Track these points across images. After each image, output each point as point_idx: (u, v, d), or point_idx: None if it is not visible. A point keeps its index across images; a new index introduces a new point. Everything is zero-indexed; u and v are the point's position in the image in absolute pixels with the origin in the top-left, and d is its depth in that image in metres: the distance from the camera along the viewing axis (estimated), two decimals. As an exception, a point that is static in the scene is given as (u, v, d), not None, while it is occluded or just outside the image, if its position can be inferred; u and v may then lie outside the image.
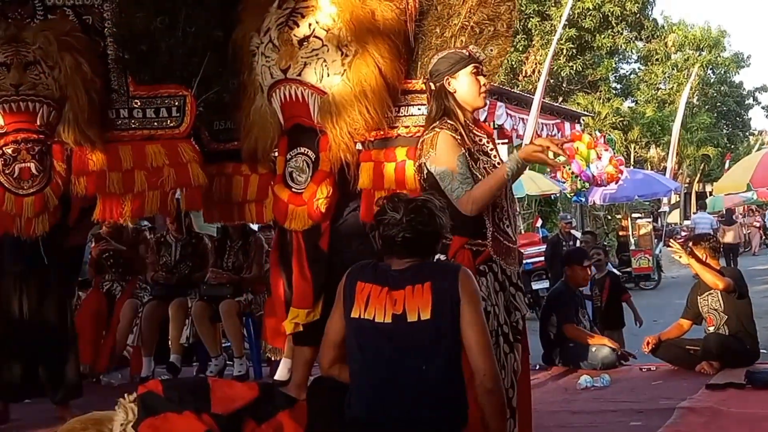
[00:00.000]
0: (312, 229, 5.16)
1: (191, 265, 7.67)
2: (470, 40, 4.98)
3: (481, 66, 4.06)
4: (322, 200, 5.08)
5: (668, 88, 39.65)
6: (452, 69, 3.98)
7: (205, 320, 7.21)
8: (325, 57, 5.09)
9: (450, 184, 3.80)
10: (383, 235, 3.27)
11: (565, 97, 33.81)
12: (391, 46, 4.96)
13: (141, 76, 5.61)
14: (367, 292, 3.21)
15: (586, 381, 6.42)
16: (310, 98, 5.13)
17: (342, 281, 3.35)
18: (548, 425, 5.10)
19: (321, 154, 5.14)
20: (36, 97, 5.36)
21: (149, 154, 5.46)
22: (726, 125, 45.88)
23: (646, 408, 5.45)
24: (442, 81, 3.99)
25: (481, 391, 3.17)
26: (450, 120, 3.93)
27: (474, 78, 3.99)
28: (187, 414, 3.26)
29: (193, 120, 5.53)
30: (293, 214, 5.15)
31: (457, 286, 3.16)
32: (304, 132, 5.21)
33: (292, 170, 5.22)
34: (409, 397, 3.08)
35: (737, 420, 4.95)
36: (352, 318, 3.22)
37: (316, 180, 5.12)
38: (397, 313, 3.13)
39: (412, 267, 3.23)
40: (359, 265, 3.39)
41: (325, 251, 5.16)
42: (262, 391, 3.52)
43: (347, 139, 5.03)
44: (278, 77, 5.20)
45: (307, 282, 5.15)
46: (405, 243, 3.23)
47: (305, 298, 5.15)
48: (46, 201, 5.37)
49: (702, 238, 7.37)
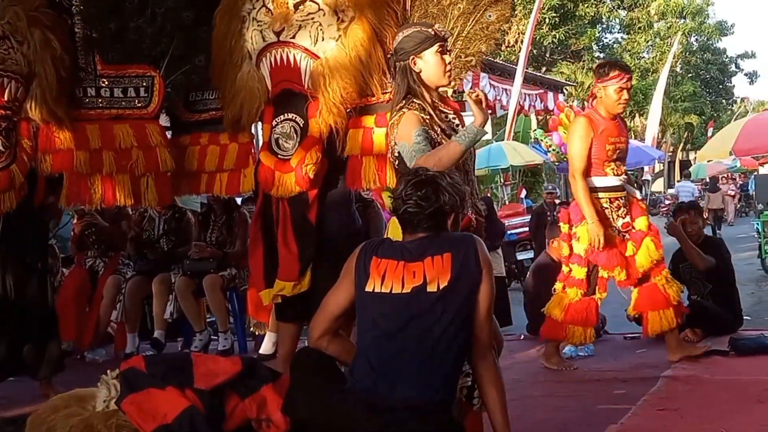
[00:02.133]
0: (299, 199, 5.13)
1: (174, 240, 7.64)
2: (468, 5, 4.96)
3: (446, 44, 4.03)
4: (310, 166, 5.05)
5: (651, 56, 39.64)
6: (418, 48, 3.94)
7: (189, 295, 7.20)
8: (321, 21, 5.07)
9: (408, 154, 3.79)
10: (395, 210, 3.35)
11: (548, 67, 33.78)
12: (388, 12, 4.93)
13: (109, 55, 5.58)
14: (384, 267, 3.23)
15: (571, 350, 6.43)
16: (302, 62, 5.12)
17: (353, 257, 3.35)
18: (533, 394, 5.13)
19: (310, 120, 5.11)
20: (4, 72, 5.33)
21: (117, 135, 5.45)
22: (709, 93, 45.92)
23: (629, 377, 5.47)
24: (407, 60, 3.95)
25: (482, 360, 3.26)
26: (416, 99, 3.90)
27: (440, 57, 3.96)
28: (170, 389, 3.24)
29: (161, 101, 5.51)
30: (280, 181, 5.13)
31: (477, 256, 3.21)
32: (293, 97, 5.19)
33: (278, 137, 5.18)
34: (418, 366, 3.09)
35: (721, 387, 4.97)
36: (367, 292, 3.23)
37: (305, 146, 5.09)
38: (417, 284, 3.16)
39: (426, 239, 3.27)
40: (372, 241, 3.44)
41: (313, 223, 5.13)
42: (246, 365, 3.50)
43: (339, 105, 5.01)
44: (270, 40, 5.16)
45: (292, 254, 5.12)
46: (410, 217, 3.29)
47: (291, 270, 5.13)
48: (12, 178, 5.33)
49: (689, 207, 7.37)
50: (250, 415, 3.34)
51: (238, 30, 5.28)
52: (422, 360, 3.10)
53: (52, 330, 5.71)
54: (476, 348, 3.23)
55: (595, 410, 4.66)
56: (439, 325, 3.12)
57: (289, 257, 5.15)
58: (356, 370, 3.24)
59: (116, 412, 3.26)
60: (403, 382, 3.09)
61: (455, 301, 3.15)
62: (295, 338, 5.44)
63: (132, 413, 3.18)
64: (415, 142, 3.76)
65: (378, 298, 3.21)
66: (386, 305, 3.18)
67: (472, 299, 3.18)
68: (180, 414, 3.15)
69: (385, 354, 3.14)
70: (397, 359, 3.12)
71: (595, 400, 4.89)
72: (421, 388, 3.08)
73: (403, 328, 3.14)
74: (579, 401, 4.92)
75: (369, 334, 3.21)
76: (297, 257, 5.13)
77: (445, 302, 3.14)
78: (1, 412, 5.12)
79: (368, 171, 5.10)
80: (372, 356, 3.17)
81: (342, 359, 3.40)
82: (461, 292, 3.16)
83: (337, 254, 5.04)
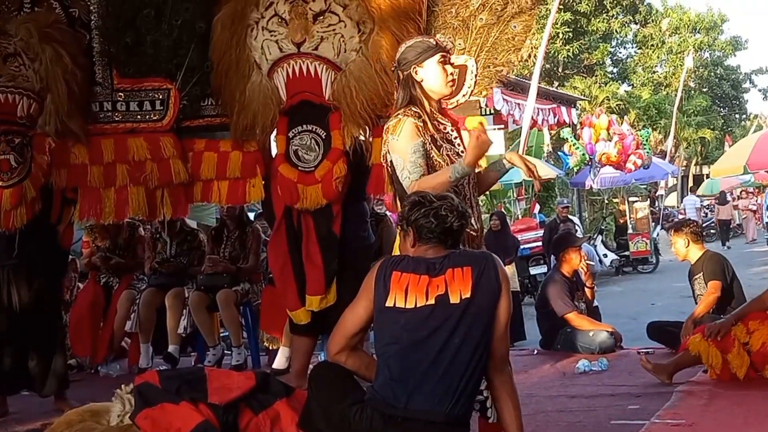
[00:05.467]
0: (323, 212, 5.13)
1: (187, 261, 7.66)
2: (491, 17, 4.98)
3: (448, 55, 4.03)
4: (339, 179, 5.06)
5: (665, 71, 39.60)
6: (419, 58, 3.95)
7: (203, 310, 7.20)
8: (343, 32, 5.10)
9: (402, 172, 3.81)
10: (430, 227, 3.34)
11: (561, 82, 33.76)
12: (410, 23, 4.94)
13: (126, 69, 5.60)
14: (406, 281, 3.27)
15: (584, 365, 6.42)
16: (323, 73, 5.12)
17: (372, 273, 3.38)
18: (546, 409, 5.11)
19: (333, 132, 5.11)
20: (15, 89, 5.38)
21: (131, 147, 5.46)
22: (722, 108, 45.78)
23: (644, 392, 5.45)
24: (409, 70, 3.96)
25: (498, 373, 3.33)
26: (414, 107, 3.90)
27: (441, 67, 3.96)
28: (183, 404, 3.27)
29: (176, 113, 5.51)
30: (304, 194, 5.11)
31: (497, 272, 3.28)
32: (312, 109, 5.18)
33: (297, 148, 5.18)
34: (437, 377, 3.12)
35: (735, 402, 4.95)
36: (387, 307, 3.26)
37: (332, 158, 5.09)
38: (440, 293, 3.21)
39: (450, 255, 3.32)
40: (391, 258, 3.47)
41: (337, 236, 5.13)
42: (260, 380, 3.52)
43: (364, 116, 5.02)
44: (289, 51, 5.16)
45: (317, 267, 5.12)
46: (452, 234, 3.36)
47: (318, 284, 5.12)
48: (24, 193, 5.35)
49: (683, 225, 7.35)
50: (264, 430, 3.36)
51: (243, 39, 5.27)
52: (441, 371, 3.12)
53: (58, 345, 5.72)
54: (494, 361, 3.27)
55: (609, 425, 4.65)
56: (459, 337, 3.15)
57: (315, 271, 5.15)
58: (376, 381, 3.26)
59: (130, 427, 3.28)
60: (421, 393, 3.11)
61: (476, 314, 3.18)
62: (308, 353, 5.44)
63: (146, 428, 3.20)
64: (410, 161, 3.78)
65: (400, 312, 3.22)
66: (409, 318, 3.21)
67: (491, 313, 3.23)
68: (194, 429, 3.18)
69: (405, 365, 3.16)
70: (416, 370, 3.14)
71: (609, 415, 4.87)
72: (439, 400, 3.10)
73: (424, 339, 3.17)
74: (593, 416, 4.90)
75: (391, 347, 3.22)
76: (322, 271, 5.13)
77: (466, 314, 3.17)
78: (16, 426, 5.14)
79: None
80: (393, 367, 3.19)
81: (361, 373, 3.42)
82: (482, 305, 3.20)
83: (355, 268, 5.07)
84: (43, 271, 5.59)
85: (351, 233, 5.24)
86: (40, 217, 5.48)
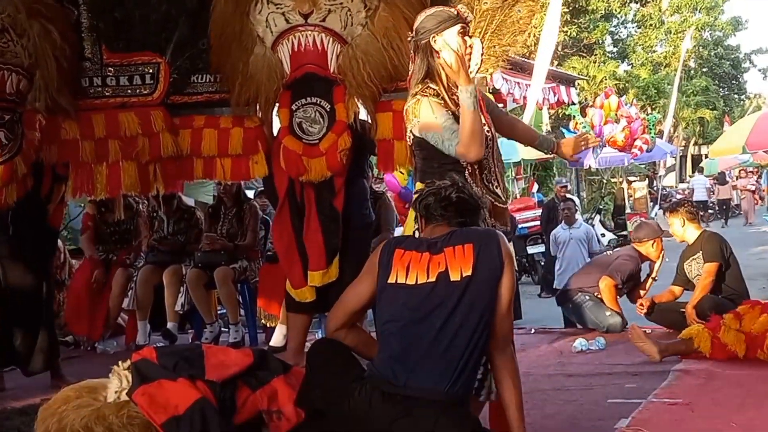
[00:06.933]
0: (326, 186, 5.13)
1: (184, 238, 7.66)
2: (496, 1, 4.95)
3: (468, 27, 3.94)
4: (344, 151, 5.06)
5: (664, 51, 39.48)
6: (439, 27, 3.85)
7: (200, 287, 7.21)
8: (350, 6, 5.11)
9: (444, 143, 3.75)
10: (429, 204, 3.37)
11: (560, 61, 33.66)
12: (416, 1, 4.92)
13: (115, 44, 5.58)
14: (408, 259, 3.25)
15: (581, 344, 6.43)
16: (329, 46, 5.12)
17: (376, 252, 3.38)
18: (543, 388, 5.12)
19: (337, 105, 5.12)
20: (4, 65, 5.34)
21: (122, 122, 5.44)
22: (722, 88, 45.70)
23: (641, 370, 5.46)
24: (428, 38, 3.87)
25: (500, 352, 3.28)
26: (432, 84, 3.84)
27: (461, 39, 3.85)
28: (181, 381, 3.25)
29: (166, 87, 5.50)
30: (309, 166, 5.12)
31: (500, 249, 3.23)
32: (317, 81, 5.19)
33: (301, 121, 5.18)
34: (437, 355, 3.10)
35: (732, 382, 4.96)
36: (390, 284, 3.25)
37: (336, 130, 5.11)
38: (441, 271, 3.19)
39: (453, 233, 3.30)
40: (395, 237, 3.51)
41: (339, 211, 5.14)
42: (257, 357, 3.51)
43: (370, 89, 5.02)
44: (296, 22, 5.16)
45: (318, 242, 5.13)
46: (452, 206, 3.35)
47: (319, 260, 5.13)
48: (15, 170, 5.31)
49: (678, 205, 7.34)
50: (261, 406, 3.36)
51: (246, 12, 5.25)
52: (442, 349, 3.10)
53: (44, 323, 5.70)
54: (495, 340, 3.24)
55: (606, 404, 4.66)
56: (460, 314, 3.13)
57: (315, 246, 5.15)
58: (377, 359, 3.26)
59: (128, 403, 3.27)
60: (421, 370, 3.09)
61: (477, 291, 3.16)
62: (305, 330, 5.44)
63: (143, 404, 3.19)
64: (444, 127, 3.72)
65: (401, 288, 3.21)
66: (411, 295, 3.19)
67: (493, 291, 3.19)
68: (191, 405, 3.16)
69: (405, 342, 3.15)
70: (417, 347, 3.12)
71: (606, 394, 4.88)
72: (439, 378, 3.08)
73: (425, 316, 3.15)
74: (590, 395, 4.91)
75: (391, 325, 3.21)
76: (323, 246, 5.13)
77: (467, 292, 3.15)
78: (13, 402, 5.14)
79: (400, 155, 5.11)
80: (393, 345, 3.18)
81: (359, 350, 3.41)
82: (483, 283, 3.17)
83: (356, 245, 5.08)
84: (33, 249, 5.57)
85: (352, 211, 5.25)
86: (31, 194, 5.46)
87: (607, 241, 18.97)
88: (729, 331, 5.63)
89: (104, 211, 7.71)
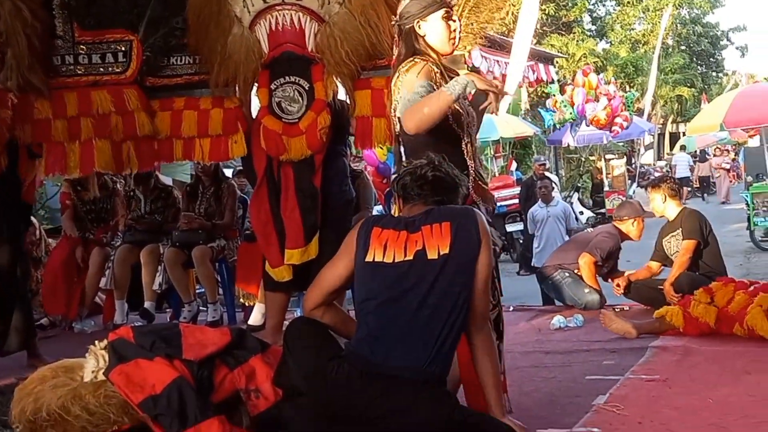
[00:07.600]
0: (304, 163, 5.12)
1: (162, 218, 7.62)
2: None
3: (452, 11, 3.92)
4: (324, 129, 5.06)
5: (643, 28, 39.53)
6: (423, 12, 3.81)
7: (178, 266, 7.18)
8: None
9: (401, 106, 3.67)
10: (406, 183, 3.37)
11: (539, 39, 33.64)
12: None
13: (86, 21, 5.53)
14: (386, 237, 3.25)
15: (559, 321, 6.46)
16: (307, 24, 5.11)
17: (354, 231, 3.36)
18: (522, 365, 5.14)
19: (315, 83, 5.11)
20: None
21: (95, 100, 5.40)
22: (700, 65, 45.83)
23: (618, 347, 5.49)
24: (412, 24, 3.85)
25: (478, 331, 3.28)
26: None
27: (445, 23, 3.83)
28: (158, 360, 3.24)
29: (139, 65, 5.46)
30: (289, 145, 5.11)
31: (477, 227, 3.23)
32: (295, 60, 5.18)
33: (281, 100, 5.18)
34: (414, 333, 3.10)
35: (709, 358, 4.99)
36: (367, 262, 3.24)
37: (315, 109, 5.11)
38: (418, 249, 3.18)
39: (430, 211, 3.29)
40: (373, 216, 3.50)
41: (317, 189, 5.13)
42: (235, 336, 3.50)
43: (349, 66, 5.01)
44: (273, 1, 5.16)
45: (295, 221, 5.12)
46: (428, 185, 3.33)
47: (297, 238, 5.12)
48: None
49: (661, 181, 7.36)
50: (239, 385, 3.35)
51: None
52: (420, 327, 3.10)
53: (19, 301, 5.65)
54: (473, 318, 3.23)
55: (584, 381, 4.68)
56: (437, 292, 3.12)
57: (293, 225, 5.15)
58: (355, 337, 3.25)
59: (104, 383, 3.26)
60: (399, 349, 3.09)
61: (454, 270, 3.15)
62: (283, 309, 5.44)
63: (120, 384, 3.18)
64: (414, 92, 3.61)
65: (379, 267, 3.21)
66: (388, 274, 3.18)
67: (471, 269, 3.19)
68: (168, 384, 3.15)
69: (383, 320, 3.14)
70: (394, 326, 3.12)
71: (584, 371, 4.91)
72: (417, 356, 3.07)
73: (403, 295, 3.14)
74: (568, 372, 4.94)
75: (369, 303, 3.20)
76: (300, 224, 5.12)
77: (444, 270, 3.14)
78: (-11, 382, 5.11)
79: (379, 132, 5.10)
80: (371, 323, 3.17)
81: (337, 329, 3.40)
82: (461, 261, 3.17)
83: (335, 223, 5.07)
84: (8, 228, 5.51)
85: (332, 188, 5.24)
86: (7, 174, 5.40)
87: (586, 219, 19.04)
88: (698, 305, 5.70)
89: (80, 189, 7.65)
